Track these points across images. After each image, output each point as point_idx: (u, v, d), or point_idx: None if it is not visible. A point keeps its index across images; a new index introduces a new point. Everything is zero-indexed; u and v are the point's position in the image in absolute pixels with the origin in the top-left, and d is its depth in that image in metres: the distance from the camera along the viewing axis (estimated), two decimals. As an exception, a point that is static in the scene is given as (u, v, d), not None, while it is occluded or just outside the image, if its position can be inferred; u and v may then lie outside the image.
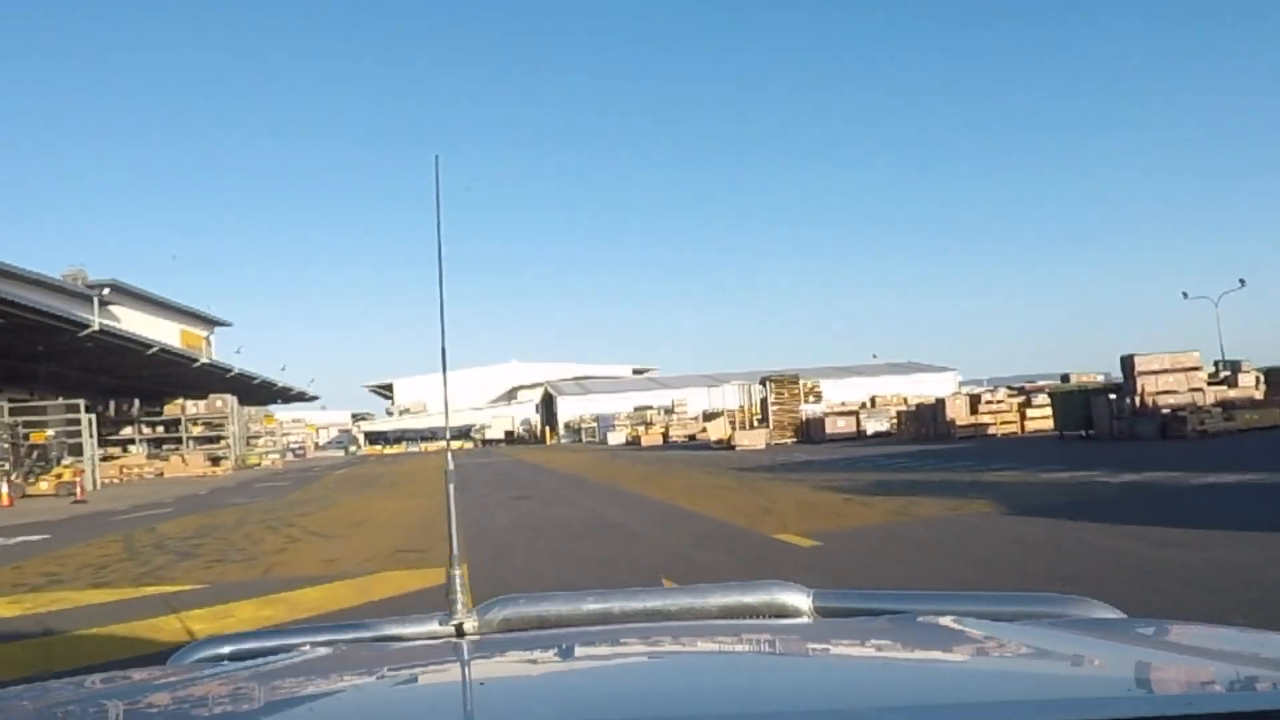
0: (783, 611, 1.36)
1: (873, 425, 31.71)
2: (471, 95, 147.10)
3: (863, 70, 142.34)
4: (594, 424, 66.85)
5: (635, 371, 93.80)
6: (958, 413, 26.79)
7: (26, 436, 31.43)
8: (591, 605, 1.37)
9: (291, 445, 79.04)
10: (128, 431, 49.06)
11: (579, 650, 1.23)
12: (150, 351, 38.45)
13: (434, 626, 1.36)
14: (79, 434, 33.86)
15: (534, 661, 1.20)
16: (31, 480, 29.05)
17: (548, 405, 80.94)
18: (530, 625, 1.35)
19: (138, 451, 47.94)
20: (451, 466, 1.54)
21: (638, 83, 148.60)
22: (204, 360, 47.44)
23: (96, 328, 31.99)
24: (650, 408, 65.44)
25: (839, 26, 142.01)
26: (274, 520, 14.32)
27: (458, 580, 1.42)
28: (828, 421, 31.51)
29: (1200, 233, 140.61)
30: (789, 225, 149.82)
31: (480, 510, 13.53)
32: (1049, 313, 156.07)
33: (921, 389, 51.33)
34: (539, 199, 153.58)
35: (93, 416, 33.03)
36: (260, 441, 61.50)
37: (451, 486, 1.56)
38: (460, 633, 1.34)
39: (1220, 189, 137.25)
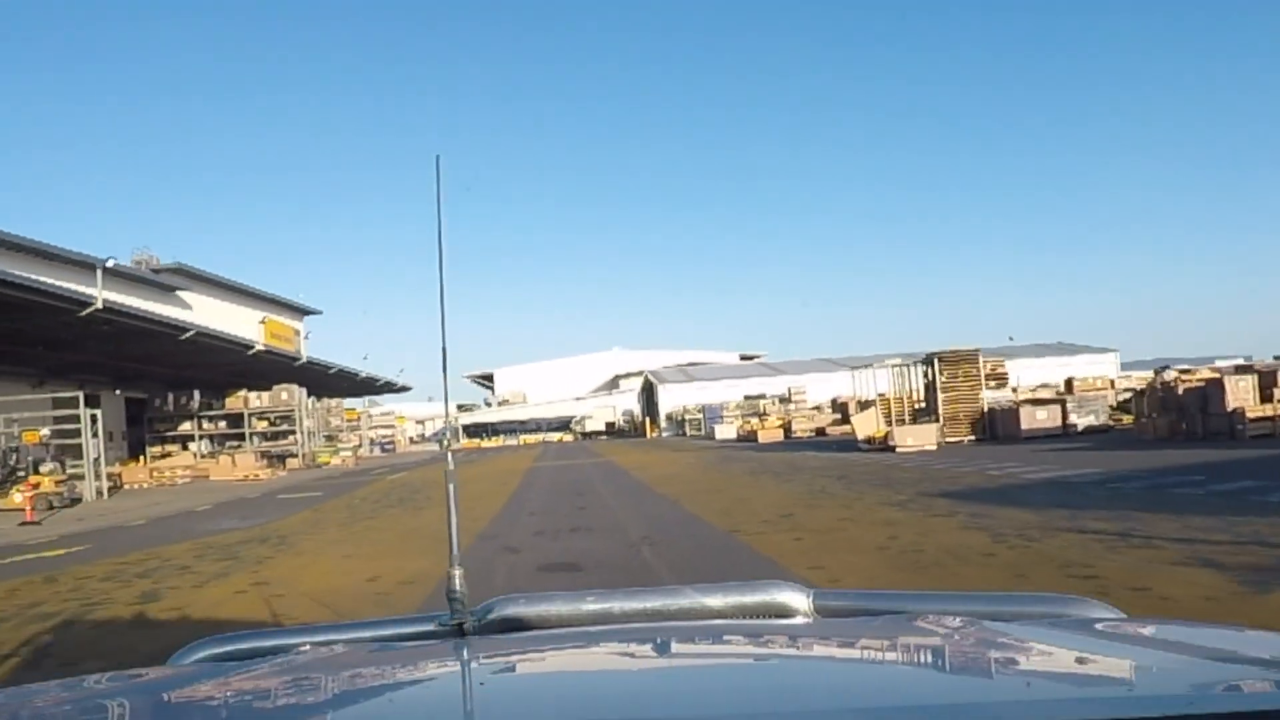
0: (782, 611, 1.34)
1: (1084, 418, 23.08)
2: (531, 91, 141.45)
3: (881, 59, 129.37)
4: (699, 415, 59.15)
5: (743, 357, 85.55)
6: (1241, 399, 18.06)
7: (20, 435, 26.11)
8: (591, 605, 1.36)
9: (380, 440, 74.69)
10: (187, 427, 44.52)
11: (579, 650, 1.22)
12: (185, 336, 33.08)
13: (434, 626, 1.36)
14: (111, 432, 28.99)
15: (534, 661, 1.20)
16: (4, 491, 23.48)
17: (648, 394, 73.68)
18: (530, 625, 1.33)
19: (195, 449, 43.29)
20: (452, 467, 1.62)
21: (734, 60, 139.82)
22: (260, 347, 42.14)
23: (100, 305, 26.41)
24: (763, 396, 57.35)
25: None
26: (97, 602, 7.42)
27: (458, 580, 1.38)
28: (1022, 413, 23.06)
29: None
30: (888, 212, 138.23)
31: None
32: (1193, 292, 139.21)
33: (1077, 372, 43.72)
34: (641, 183, 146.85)
35: (97, 411, 27.45)
36: (342, 436, 56.94)
37: (452, 486, 1.58)
38: (460, 633, 1.33)
39: None
